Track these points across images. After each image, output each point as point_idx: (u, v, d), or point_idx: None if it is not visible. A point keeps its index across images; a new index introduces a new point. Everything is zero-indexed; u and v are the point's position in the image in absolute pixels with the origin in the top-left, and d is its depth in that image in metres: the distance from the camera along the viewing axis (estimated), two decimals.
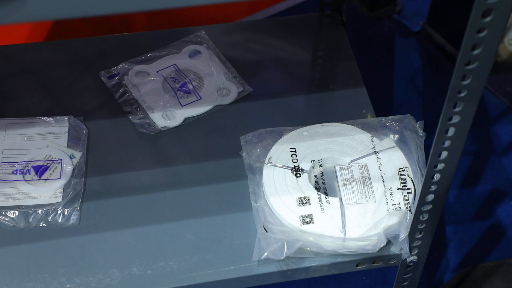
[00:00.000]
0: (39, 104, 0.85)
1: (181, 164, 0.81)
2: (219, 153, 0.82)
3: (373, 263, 0.72)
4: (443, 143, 0.61)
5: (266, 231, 0.71)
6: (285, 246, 0.69)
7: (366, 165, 0.76)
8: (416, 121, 0.79)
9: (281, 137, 0.79)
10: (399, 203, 0.72)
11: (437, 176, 0.64)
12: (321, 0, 0.93)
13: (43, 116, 0.83)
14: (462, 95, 0.57)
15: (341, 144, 0.78)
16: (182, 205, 0.77)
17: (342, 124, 0.80)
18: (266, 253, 0.70)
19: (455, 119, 0.59)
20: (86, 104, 0.86)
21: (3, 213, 0.74)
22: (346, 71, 0.90)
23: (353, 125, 0.80)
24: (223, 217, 0.76)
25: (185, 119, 0.84)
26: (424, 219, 0.68)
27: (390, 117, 0.80)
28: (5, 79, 0.88)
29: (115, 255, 0.72)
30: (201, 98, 0.86)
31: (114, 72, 0.88)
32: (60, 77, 0.88)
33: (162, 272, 0.71)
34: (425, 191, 0.65)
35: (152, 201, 0.77)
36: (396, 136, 0.78)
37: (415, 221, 0.68)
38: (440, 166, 0.63)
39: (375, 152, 0.77)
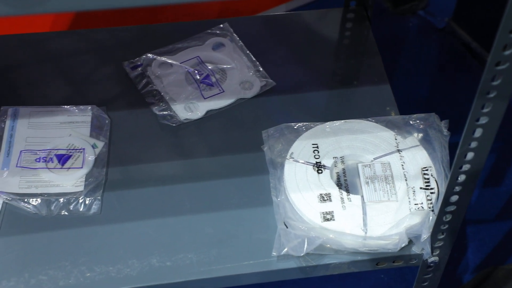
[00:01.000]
0: (62, 93, 0.86)
1: (202, 156, 0.81)
2: (240, 146, 0.81)
3: (393, 262, 0.72)
4: (470, 144, 0.60)
5: (287, 227, 0.71)
6: (305, 243, 0.69)
7: (389, 163, 0.75)
8: (440, 120, 0.78)
9: (303, 133, 0.79)
10: (422, 203, 0.72)
11: (462, 177, 0.63)
12: None
13: (67, 105, 0.83)
14: (491, 95, 0.56)
15: (364, 142, 0.78)
16: (202, 198, 0.77)
17: (365, 121, 0.80)
18: (286, 249, 0.69)
19: (483, 120, 0.58)
20: (109, 94, 0.86)
21: (25, 200, 0.75)
22: (371, 68, 0.89)
23: (376, 123, 0.79)
24: (242, 211, 0.76)
25: (207, 112, 0.84)
26: (447, 220, 0.67)
27: (415, 115, 0.79)
28: (30, 67, 0.88)
29: (135, 246, 0.73)
30: (223, 91, 0.86)
31: (137, 63, 0.88)
32: (84, 66, 0.88)
33: (181, 264, 0.71)
34: (449, 191, 0.64)
35: (172, 193, 0.77)
36: (420, 135, 0.77)
37: (438, 221, 0.67)
38: (466, 167, 0.62)
39: (399, 151, 0.76)
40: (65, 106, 0.83)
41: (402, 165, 0.75)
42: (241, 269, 0.71)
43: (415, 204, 0.72)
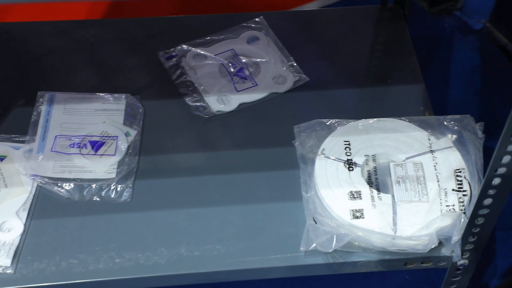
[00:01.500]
0: (97, 81, 0.87)
1: (233, 149, 0.81)
2: (272, 141, 0.82)
3: (422, 263, 0.71)
4: (507, 148, 0.59)
5: (316, 223, 0.71)
6: (334, 239, 0.69)
7: (421, 163, 0.75)
8: (475, 122, 0.77)
9: (335, 129, 0.79)
10: (453, 205, 0.71)
11: (496, 181, 0.62)
12: None
13: (101, 92, 0.84)
14: None
15: (397, 141, 0.77)
16: (232, 190, 0.77)
17: (398, 120, 0.79)
18: (314, 244, 0.69)
19: None
20: (144, 83, 0.86)
21: (59, 184, 0.76)
22: (406, 67, 0.88)
23: (410, 122, 0.79)
24: (272, 205, 0.76)
25: (240, 105, 0.84)
26: (479, 223, 0.67)
27: (449, 116, 0.78)
28: (66, 54, 0.90)
29: (164, 234, 0.73)
30: (257, 85, 0.86)
31: (172, 53, 0.88)
32: (119, 55, 0.89)
33: (209, 255, 0.72)
34: (483, 194, 0.63)
35: (202, 184, 0.78)
36: (454, 136, 0.77)
37: (470, 224, 0.67)
38: (501, 170, 0.61)
39: (431, 151, 0.76)
40: (100, 94, 0.84)
41: (435, 166, 0.74)
42: (268, 262, 0.72)
43: (447, 205, 0.71)
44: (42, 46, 0.90)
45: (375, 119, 0.79)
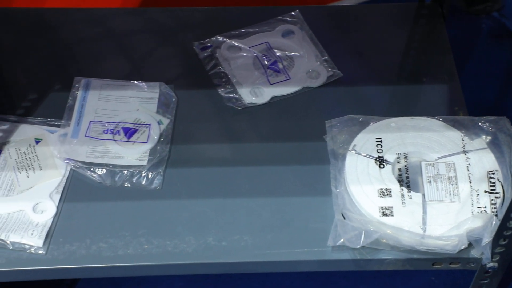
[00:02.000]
0: (132, 69, 0.88)
1: (264, 141, 0.81)
2: (303, 135, 0.82)
3: (450, 264, 0.71)
4: None
5: (344, 218, 0.71)
6: (363, 235, 0.68)
7: (454, 163, 0.74)
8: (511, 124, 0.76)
9: (367, 126, 0.78)
10: (485, 207, 0.70)
11: None
12: None
13: (136, 80, 0.85)
14: None
15: (429, 140, 0.76)
16: (261, 182, 0.77)
17: (432, 119, 0.78)
18: (342, 240, 0.69)
19: None
20: (178, 73, 0.87)
21: (91, 169, 0.77)
22: (441, 66, 0.87)
23: (443, 122, 0.78)
24: (300, 199, 0.76)
25: (272, 98, 0.84)
26: None
27: (484, 117, 0.77)
28: (103, 41, 0.91)
29: (193, 223, 0.74)
30: (290, 78, 0.86)
31: (207, 44, 0.89)
32: (154, 44, 0.90)
33: (236, 246, 0.72)
34: None
35: (232, 175, 0.78)
36: (489, 138, 0.76)
37: (502, 226, 0.66)
38: None
39: (465, 152, 0.75)
40: (135, 82, 0.85)
41: (467, 166, 0.73)
42: (295, 255, 0.72)
43: (478, 207, 0.70)
44: (80, 33, 0.92)
45: (408, 117, 0.78)
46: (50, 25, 0.92)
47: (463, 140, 0.76)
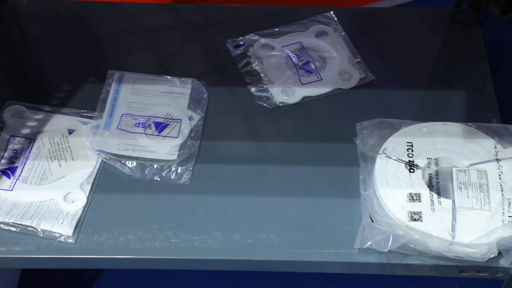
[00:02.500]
0: (164, 64, 0.88)
1: (294, 141, 0.81)
2: (333, 136, 0.81)
3: (478, 272, 0.70)
4: None
5: (372, 221, 0.71)
6: (390, 239, 0.68)
7: (486, 171, 0.73)
8: None
9: (398, 130, 0.78)
10: None
11: None
12: None
13: (168, 75, 0.85)
14: None
15: (461, 146, 0.76)
16: (289, 181, 0.77)
17: (464, 125, 0.78)
18: (369, 243, 0.69)
19: None
20: (210, 69, 0.88)
21: (122, 161, 0.78)
22: (476, 72, 0.86)
23: (476, 128, 0.77)
24: (328, 200, 0.76)
25: (303, 98, 0.84)
26: None
27: None
28: (136, 35, 0.91)
29: (220, 219, 0.74)
30: (322, 79, 0.86)
31: (240, 42, 0.89)
32: (188, 40, 0.91)
33: (263, 244, 0.73)
34: None
35: (260, 173, 0.78)
36: None
37: None
38: None
39: (497, 160, 0.74)
40: (167, 77, 0.85)
41: (500, 175, 0.73)
42: (321, 256, 0.72)
43: (509, 216, 0.69)
44: (114, 27, 0.93)
45: (440, 122, 0.78)
46: (86, 18, 0.93)
47: (495, 147, 0.75)
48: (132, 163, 0.78)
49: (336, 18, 0.91)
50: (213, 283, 1.11)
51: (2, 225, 0.72)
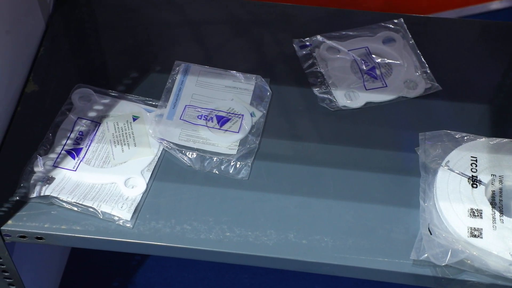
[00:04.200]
0: (230, 58, 0.88)
1: (354, 146, 0.81)
2: (394, 144, 0.81)
3: None
4: None
5: (430, 233, 0.70)
6: (449, 253, 0.67)
7: None
8: None
9: (463, 143, 0.76)
10: None
11: None
12: None
13: (233, 70, 0.86)
14: None
15: None
16: (347, 186, 0.77)
17: None
18: (426, 255, 0.68)
19: None
20: (275, 67, 0.88)
21: (183, 151, 0.79)
22: None
23: None
24: (385, 208, 0.75)
25: (366, 103, 0.84)
26: None
27: None
28: (204, 27, 0.92)
29: (275, 218, 0.75)
30: (386, 86, 0.85)
31: (306, 43, 0.89)
32: (255, 37, 0.91)
33: (316, 246, 0.72)
34: None
35: (318, 175, 0.78)
36: None
37: None
38: None
39: None
40: (232, 71, 0.86)
41: None
42: (374, 264, 0.71)
43: None
44: (183, 18, 0.94)
45: (508, 139, 0.76)
46: (157, 7, 0.95)
47: None
48: (192, 154, 0.79)
49: (405, 26, 0.90)
50: (256, 280, 1.12)
51: (65, 204, 0.73)
